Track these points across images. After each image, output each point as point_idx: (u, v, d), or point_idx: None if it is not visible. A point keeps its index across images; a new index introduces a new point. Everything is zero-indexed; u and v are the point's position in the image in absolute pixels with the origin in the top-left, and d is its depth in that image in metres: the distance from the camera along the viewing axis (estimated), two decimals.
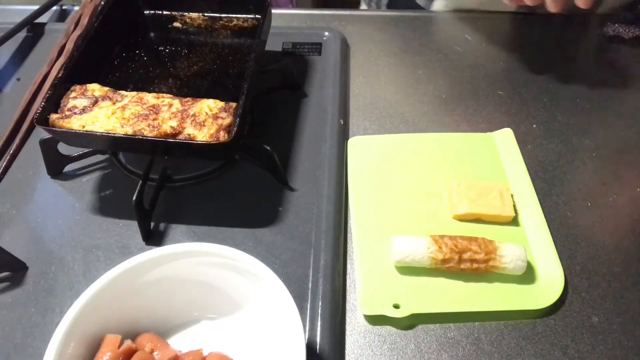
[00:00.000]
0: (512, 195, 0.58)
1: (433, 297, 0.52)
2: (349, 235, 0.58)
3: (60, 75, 0.59)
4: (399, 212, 0.58)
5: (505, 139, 0.64)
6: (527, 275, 0.52)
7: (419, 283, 0.53)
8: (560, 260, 0.54)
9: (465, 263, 0.51)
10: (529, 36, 0.78)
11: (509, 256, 0.51)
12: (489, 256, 0.51)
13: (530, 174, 0.60)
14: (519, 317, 0.51)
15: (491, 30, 0.79)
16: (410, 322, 0.51)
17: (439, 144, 0.64)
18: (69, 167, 0.64)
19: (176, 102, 0.57)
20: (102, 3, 0.67)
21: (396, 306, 0.51)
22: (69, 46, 0.74)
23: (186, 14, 0.72)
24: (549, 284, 0.52)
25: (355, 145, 0.65)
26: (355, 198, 0.59)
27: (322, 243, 0.55)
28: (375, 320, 0.51)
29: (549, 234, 0.55)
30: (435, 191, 0.60)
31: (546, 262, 0.53)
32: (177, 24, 0.72)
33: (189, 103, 0.57)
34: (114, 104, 0.57)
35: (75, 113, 0.56)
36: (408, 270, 0.53)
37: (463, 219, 0.57)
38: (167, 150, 0.58)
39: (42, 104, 0.56)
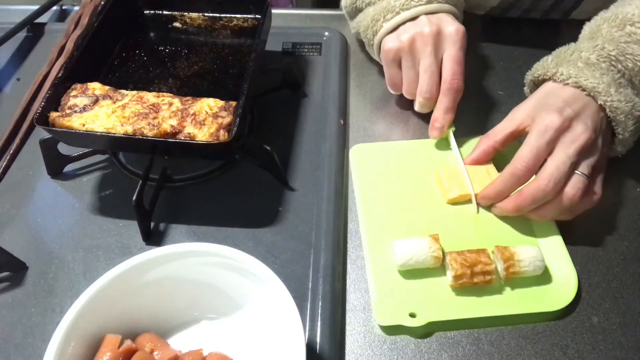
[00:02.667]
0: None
1: (448, 303, 0.51)
2: (349, 235, 0.58)
3: (60, 75, 0.60)
4: (406, 218, 0.58)
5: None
6: (540, 276, 0.52)
7: (431, 289, 0.52)
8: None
9: (478, 277, 0.50)
10: (529, 36, 0.78)
11: (527, 259, 0.51)
12: (508, 263, 0.51)
13: None
14: (537, 320, 0.51)
15: (491, 31, 0.79)
16: (427, 330, 0.50)
17: (442, 150, 0.64)
18: (69, 167, 0.64)
19: (176, 101, 0.57)
20: (102, 3, 0.67)
21: (412, 315, 0.50)
22: (69, 46, 0.74)
23: (186, 14, 0.73)
24: (563, 282, 0.52)
25: (359, 153, 0.64)
26: (363, 206, 0.59)
27: (322, 243, 0.55)
28: (392, 330, 0.51)
29: (557, 230, 0.55)
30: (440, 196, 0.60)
31: (558, 260, 0.53)
32: (177, 24, 0.72)
33: (189, 102, 0.57)
34: (114, 102, 0.58)
35: (75, 111, 0.56)
36: (415, 274, 0.53)
37: (457, 201, 0.58)
38: (167, 150, 0.58)
39: (42, 103, 0.56)
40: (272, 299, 0.44)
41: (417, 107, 0.65)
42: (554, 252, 0.54)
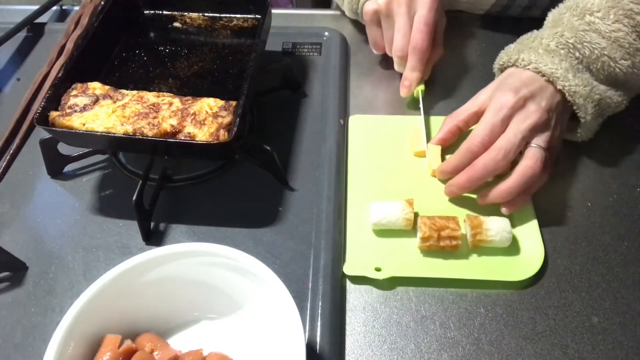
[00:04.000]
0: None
1: (413, 262, 0.54)
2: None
3: (60, 75, 0.60)
4: (388, 184, 0.60)
5: None
6: (508, 249, 0.54)
7: (400, 248, 0.55)
8: (560, 260, 0.54)
9: (445, 240, 0.53)
10: None
11: (495, 229, 0.53)
12: (475, 230, 0.53)
13: None
14: (498, 287, 0.52)
15: (491, 30, 0.79)
16: (390, 285, 0.53)
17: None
18: (69, 167, 0.64)
19: (176, 101, 0.57)
20: (102, 3, 0.67)
21: (378, 269, 0.53)
22: (69, 46, 0.74)
23: (186, 14, 0.73)
24: (529, 257, 0.53)
25: (356, 123, 0.67)
26: (351, 170, 0.62)
27: (322, 243, 0.55)
28: (357, 280, 0.54)
29: (531, 208, 0.57)
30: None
31: (528, 235, 0.55)
32: (177, 24, 0.72)
33: (189, 102, 0.57)
34: (114, 102, 0.58)
35: (75, 111, 0.57)
36: (387, 234, 0.56)
37: (422, 155, 0.62)
38: (167, 150, 0.58)
39: (42, 103, 0.56)
40: (272, 299, 0.44)
41: (395, 66, 0.69)
42: (525, 227, 0.56)
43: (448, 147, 0.63)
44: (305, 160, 0.64)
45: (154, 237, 0.58)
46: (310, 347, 0.49)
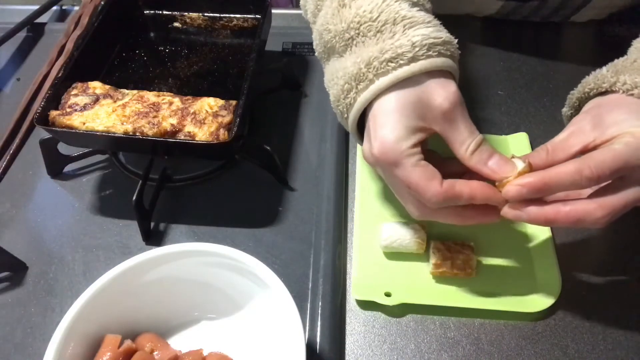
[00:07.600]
0: None
1: (425, 289, 0.52)
2: (349, 234, 0.58)
3: (60, 75, 0.60)
4: (401, 204, 0.58)
5: (519, 144, 0.63)
6: (524, 278, 0.52)
7: (411, 273, 0.53)
8: (561, 259, 0.54)
9: (458, 268, 0.51)
10: (529, 36, 0.78)
11: None
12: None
13: None
14: (512, 317, 0.51)
15: (491, 31, 0.79)
16: (401, 311, 0.52)
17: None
18: (69, 167, 0.64)
19: (176, 100, 0.57)
20: (102, 3, 0.67)
21: (387, 294, 0.51)
22: (69, 46, 0.74)
23: (186, 14, 0.73)
24: (545, 288, 0.52)
25: None
26: (361, 187, 0.60)
27: (322, 243, 0.55)
28: (366, 305, 0.52)
29: (551, 240, 0.55)
30: None
31: (545, 263, 0.53)
32: (177, 24, 0.72)
33: (190, 101, 0.57)
34: (114, 102, 0.58)
35: (76, 110, 0.57)
36: (398, 257, 0.54)
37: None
38: (168, 150, 0.58)
39: (42, 103, 0.56)
40: (272, 299, 0.44)
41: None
42: (542, 254, 0.54)
43: None
44: (305, 160, 0.64)
45: (154, 237, 0.57)
46: (310, 347, 0.49)
